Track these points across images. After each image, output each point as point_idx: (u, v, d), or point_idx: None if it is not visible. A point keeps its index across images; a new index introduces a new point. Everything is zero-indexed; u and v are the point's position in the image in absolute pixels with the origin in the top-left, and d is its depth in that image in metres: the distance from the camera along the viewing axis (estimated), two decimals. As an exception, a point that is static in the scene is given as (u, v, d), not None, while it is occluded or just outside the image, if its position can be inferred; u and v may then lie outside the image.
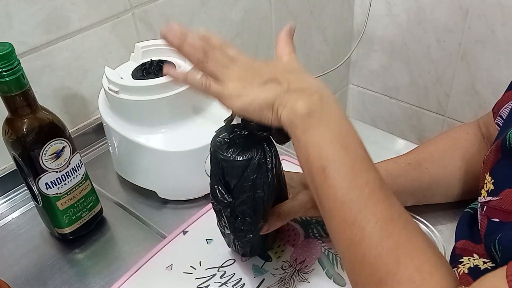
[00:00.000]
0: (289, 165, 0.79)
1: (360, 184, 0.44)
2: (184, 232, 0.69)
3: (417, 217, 0.67)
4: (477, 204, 0.55)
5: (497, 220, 0.49)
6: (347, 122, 0.47)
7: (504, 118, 0.58)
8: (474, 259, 0.53)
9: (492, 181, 0.51)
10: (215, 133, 0.55)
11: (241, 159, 0.51)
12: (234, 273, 0.63)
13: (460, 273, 0.53)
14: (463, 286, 0.41)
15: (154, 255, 0.66)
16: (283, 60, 0.52)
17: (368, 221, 0.43)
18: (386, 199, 0.44)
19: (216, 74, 0.49)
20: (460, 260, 0.54)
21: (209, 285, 0.62)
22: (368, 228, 0.42)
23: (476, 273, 0.52)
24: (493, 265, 0.50)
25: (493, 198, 0.50)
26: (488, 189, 0.51)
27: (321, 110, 0.46)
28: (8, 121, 0.61)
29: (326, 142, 0.45)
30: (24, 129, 0.60)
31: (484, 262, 0.52)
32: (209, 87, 0.50)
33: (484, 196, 0.52)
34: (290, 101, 0.47)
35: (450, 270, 0.43)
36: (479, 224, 0.53)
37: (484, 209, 0.52)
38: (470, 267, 0.53)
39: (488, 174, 0.52)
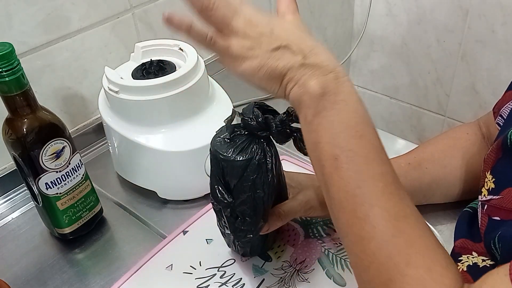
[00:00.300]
0: (289, 165, 0.79)
1: (374, 176, 0.41)
2: (184, 232, 0.69)
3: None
4: (477, 203, 0.55)
5: (498, 218, 0.49)
6: (362, 106, 0.43)
7: (505, 117, 0.58)
8: (473, 257, 0.53)
9: (493, 179, 0.51)
10: (215, 133, 0.55)
11: (241, 159, 0.51)
12: (234, 273, 0.63)
13: (459, 271, 0.53)
14: (467, 285, 0.40)
15: (154, 255, 0.66)
16: (287, 19, 0.47)
17: (381, 218, 0.40)
18: (399, 194, 0.42)
19: (221, 26, 0.45)
20: (459, 258, 0.54)
21: (209, 285, 0.62)
22: (380, 226, 0.40)
23: (475, 271, 0.52)
24: (492, 262, 0.51)
25: (494, 197, 0.50)
26: (489, 188, 0.51)
27: (336, 92, 0.42)
28: (8, 121, 0.61)
29: (340, 127, 0.42)
30: (24, 129, 0.60)
31: (483, 260, 0.52)
32: (214, 42, 0.45)
33: (484, 195, 0.52)
34: (303, 78, 0.43)
35: (458, 270, 0.42)
36: (479, 222, 0.53)
37: (485, 207, 0.52)
38: (469, 265, 0.53)
39: (489, 172, 0.52)
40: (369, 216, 0.41)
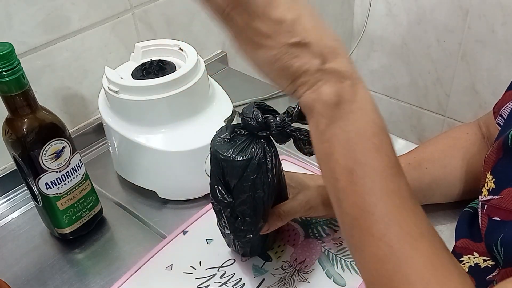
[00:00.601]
0: (289, 165, 0.79)
1: (391, 192, 0.39)
2: (184, 232, 0.69)
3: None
4: (477, 203, 0.55)
5: (497, 219, 0.49)
6: (379, 115, 0.41)
7: (505, 117, 0.58)
8: (474, 257, 0.53)
9: (493, 179, 0.51)
10: (215, 133, 0.55)
11: (241, 159, 0.51)
12: (234, 273, 0.63)
13: None
14: None
15: (154, 255, 0.66)
16: None
17: (398, 238, 0.38)
18: (415, 210, 0.40)
19: (240, 1, 0.39)
20: (461, 259, 0.54)
21: (209, 285, 0.62)
22: (397, 246, 0.38)
23: (476, 271, 0.52)
24: (493, 263, 0.50)
25: (494, 197, 0.50)
26: (489, 188, 0.51)
27: (352, 100, 0.40)
28: (8, 121, 0.61)
29: (356, 139, 0.39)
30: (24, 129, 0.60)
31: (484, 260, 0.52)
32: (231, 17, 0.40)
33: (485, 195, 0.52)
34: (318, 83, 0.40)
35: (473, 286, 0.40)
36: (480, 223, 0.53)
37: (485, 208, 0.52)
38: (470, 265, 0.53)
39: (489, 173, 0.52)
40: (386, 235, 0.39)
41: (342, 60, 0.40)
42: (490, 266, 0.51)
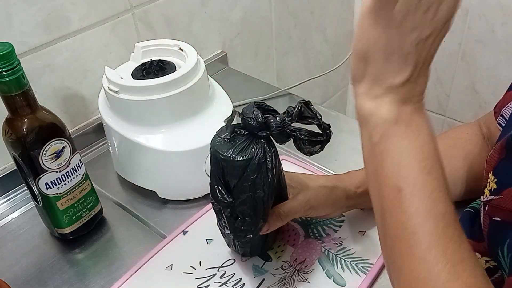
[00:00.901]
0: (289, 165, 0.79)
1: (436, 216, 0.39)
2: (184, 232, 0.69)
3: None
4: (479, 203, 0.55)
5: (498, 219, 0.49)
6: (433, 140, 0.41)
7: (507, 118, 0.57)
8: None
9: (495, 180, 0.51)
10: (215, 133, 0.55)
11: (241, 159, 0.51)
12: (234, 273, 0.63)
13: None
14: None
15: (154, 255, 0.66)
16: None
17: (437, 262, 0.38)
18: (458, 236, 0.40)
19: None
20: None
21: (209, 285, 0.62)
22: (436, 270, 0.38)
23: None
24: (495, 264, 0.50)
25: (495, 197, 0.50)
26: (491, 188, 0.51)
27: (409, 123, 0.40)
28: (8, 121, 0.61)
29: (408, 159, 0.40)
30: (24, 129, 0.60)
31: (487, 261, 0.52)
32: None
33: (486, 195, 0.52)
34: (382, 97, 0.40)
35: None
36: (482, 223, 0.52)
37: (486, 208, 0.52)
38: None
39: (491, 173, 0.52)
40: (426, 258, 0.39)
41: (418, 86, 0.41)
42: (492, 267, 0.51)
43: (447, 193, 0.41)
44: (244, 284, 0.61)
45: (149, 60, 0.74)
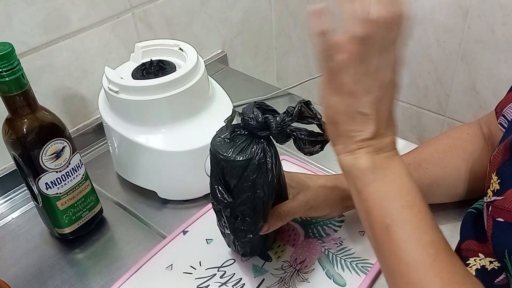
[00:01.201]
0: (289, 165, 0.79)
1: (426, 244, 0.42)
2: (184, 232, 0.69)
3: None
4: (481, 204, 0.55)
5: (501, 220, 0.49)
6: (410, 180, 0.45)
7: (509, 119, 0.57)
8: (480, 259, 0.53)
9: (498, 181, 0.51)
10: (215, 133, 0.55)
11: (241, 159, 0.51)
12: (234, 273, 0.63)
13: None
14: None
15: (154, 255, 0.66)
16: None
17: (434, 285, 0.41)
18: (452, 261, 0.42)
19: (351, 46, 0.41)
20: (467, 262, 0.54)
21: (209, 285, 0.62)
22: None
23: (484, 274, 0.52)
24: (499, 265, 0.50)
25: (498, 198, 0.50)
26: (494, 189, 0.51)
27: (386, 167, 0.45)
28: (8, 121, 0.61)
29: (390, 197, 0.44)
30: (24, 129, 0.60)
31: (491, 262, 0.52)
32: (332, 59, 0.42)
33: (489, 196, 0.52)
34: (358, 151, 0.45)
35: None
36: (485, 225, 0.52)
37: (490, 209, 0.51)
38: (477, 268, 0.53)
39: (495, 174, 0.52)
40: (421, 282, 0.41)
41: (387, 137, 0.45)
42: (497, 268, 0.51)
43: (433, 223, 0.44)
44: (244, 284, 0.61)
45: (149, 60, 0.74)
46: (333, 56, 0.42)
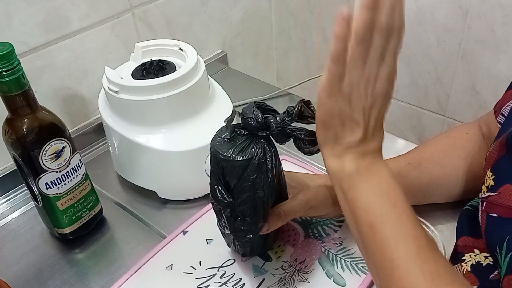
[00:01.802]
0: (289, 165, 0.79)
1: (408, 240, 0.44)
2: (184, 232, 0.69)
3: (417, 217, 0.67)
4: (477, 201, 0.55)
5: (495, 215, 0.49)
6: (394, 181, 0.47)
7: (506, 116, 0.58)
8: (475, 255, 0.53)
9: (493, 176, 0.51)
10: (215, 133, 0.55)
11: (241, 159, 0.51)
12: (234, 273, 0.63)
13: (464, 271, 0.53)
14: None
15: (154, 255, 0.66)
16: None
17: (417, 278, 0.42)
18: (433, 256, 0.44)
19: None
20: (462, 258, 0.54)
21: (209, 285, 0.62)
22: (419, 286, 0.42)
23: (479, 270, 0.52)
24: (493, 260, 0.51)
25: (492, 193, 0.50)
26: (488, 185, 0.52)
27: (369, 170, 0.47)
28: (8, 121, 0.61)
29: (373, 198, 0.46)
30: (24, 129, 0.60)
31: (486, 257, 0.52)
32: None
33: (484, 192, 0.52)
34: (343, 156, 0.47)
35: None
36: (480, 220, 0.53)
37: (484, 204, 0.52)
38: (472, 264, 0.53)
39: (489, 170, 0.52)
40: (405, 277, 0.43)
41: (373, 144, 0.47)
42: (491, 263, 0.51)
43: (416, 220, 0.46)
44: (244, 284, 0.61)
45: (149, 60, 0.74)
46: (343, 61, 0.44)
